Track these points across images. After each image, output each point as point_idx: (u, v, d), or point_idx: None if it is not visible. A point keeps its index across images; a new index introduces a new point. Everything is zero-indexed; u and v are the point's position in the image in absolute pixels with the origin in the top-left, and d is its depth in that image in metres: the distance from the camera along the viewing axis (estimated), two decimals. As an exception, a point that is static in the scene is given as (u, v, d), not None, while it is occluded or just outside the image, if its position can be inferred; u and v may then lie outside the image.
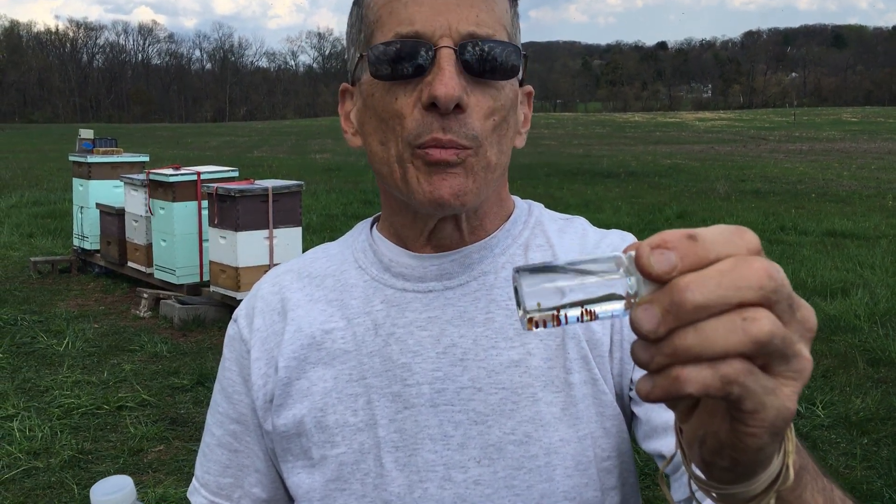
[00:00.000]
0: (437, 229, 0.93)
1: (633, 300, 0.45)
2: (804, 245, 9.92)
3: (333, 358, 0.93)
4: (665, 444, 0.85)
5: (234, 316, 1.03)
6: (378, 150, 0.89)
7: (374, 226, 1.02)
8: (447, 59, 0.83)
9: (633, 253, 0.45)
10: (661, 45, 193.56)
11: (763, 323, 0.43)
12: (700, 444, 0.50)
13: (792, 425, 0.52)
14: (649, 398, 0.46)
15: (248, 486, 1.00)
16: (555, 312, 0.46)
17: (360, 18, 0.91)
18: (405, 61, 0.84)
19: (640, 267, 0.45)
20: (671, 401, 0.48)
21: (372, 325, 0.93)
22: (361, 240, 1.01)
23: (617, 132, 43.85)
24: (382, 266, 0.96)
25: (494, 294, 0.93)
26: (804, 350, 0.46)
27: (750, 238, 0.46)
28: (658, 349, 0.44)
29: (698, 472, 0.52)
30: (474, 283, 0.93)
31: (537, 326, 0.46)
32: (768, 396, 0.45)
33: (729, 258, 0.44)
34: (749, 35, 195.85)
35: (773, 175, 19.14)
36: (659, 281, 0.44)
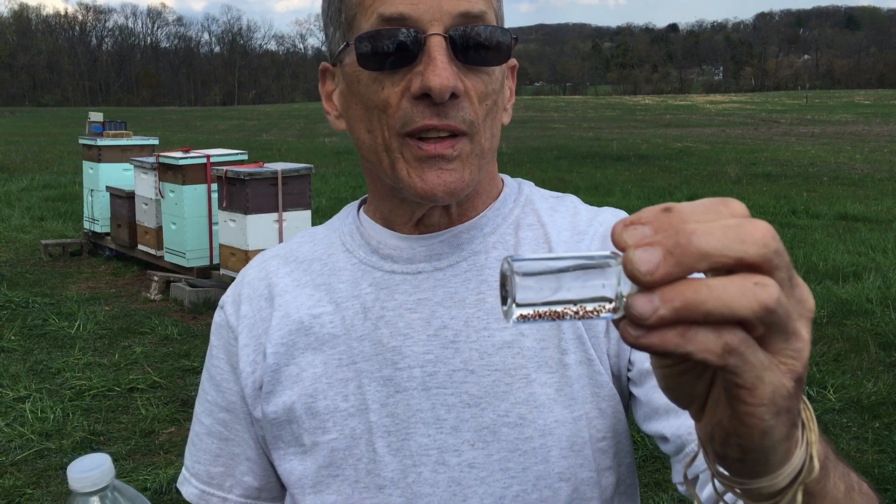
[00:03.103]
0: (427, 215, 0.91)
1: (621, 300, 0.44)
2: (816, 229, 9.86)
3: (322, 343, 0.92)
4: (667, 425, 0.83)
5: (220, 302, 1.01)
6: (365, 138, 0.87)
7: (361, 208, 1.00)
8: (438, 47, 0.80)
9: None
10: (673, 27, 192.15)
11: (772, 290, 0.42)
12: (710, 439, 0.49)
13: (813, 414, 0.51)
14: (639, 343, 0.43)
15: (240, 475, 0.98)
16: (544, 308, 0.44)
17: None
18: (393, 51, 0.81)
19: (615, 244, 0.44)
20: (661, 356, 0.46)
21: (361, 308, 0.91)
22: (348, 223, 0.99)
23: (627, 115, 43.63)
24: (370, 248, 0.94)
25: (485, 274, 0.91)
26: (803, 330, 0.45)
27: (736, 206, 0.44)
28: (664, 301, 0.42)
29: (721, 469, 0.51)
30: (464, 263, 0.91)
31: (525, 321, 0.44)
32: (766, 371, 0.43)
33: (732, 218, 0.43)
34: (761, 17, 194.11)
35: (785, 158, 19.02)
36: None
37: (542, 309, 0.44)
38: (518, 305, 0.44)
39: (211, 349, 1.01)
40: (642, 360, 0.87)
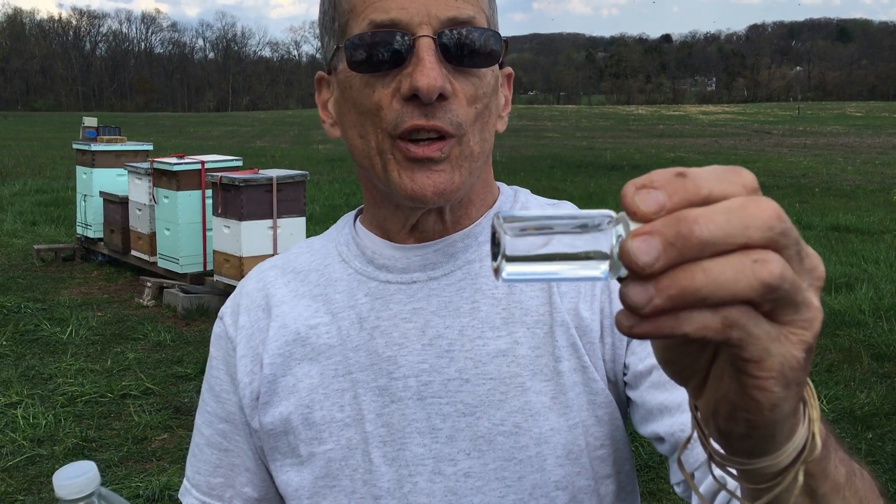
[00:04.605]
0: (421, 221, 0.91)
1: (617, 263, 0.42)
2: (808, 239, 9.83)
3: (319, 353, 0.92)
4: (661, 425, 0.83)
5: (220, 314, 1.02)
6: (358, 143, 0.87)
7: (358, 218, 1.00)
8: (426, 48, 0.81)
9: (623, 213, 0.42)
10: (666, 38, 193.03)
11: (773, 266, 0.40)
12: (714, 414, 0.47)
13: (815, 391, 0.49)
14: (633, 332, 0.41)
15: (240, 486, 0.98)
16: (535, 265, 0.42)
17: (333, 6, 0.88)
18: (382, 53, 0.82)
19: (625, 207, 0.41)
20: (660, 339, 0.44)
21: (356, 318, 0.91)
22: (345, 233, 0.99)
23: (620, 125, 43.80)
24: (366, 259, 0.94)
25: (479, 283, 0.91)
26: (813, 299, 0.43)
27: (746, 176, 0.43)
28: (659, 290, 0.40)
29: (718, 448, 0.49)
30: (459, 272, 0.91)
31: (514, 279, 0.42)
32: (773, 343, 0.42)
33: (736, 197, 0.41)
34: (754, 28, 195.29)
35: (777, 169, 19.11)
36: (645, 221, 0.41)
37: (532, 266, 0.42)
38: (508, 260, 0.42)
39: (211, 360, 1.01)
40: (636, 363, 0.87)
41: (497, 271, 0.43)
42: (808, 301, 0.43)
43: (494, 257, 0.43)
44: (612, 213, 0.43)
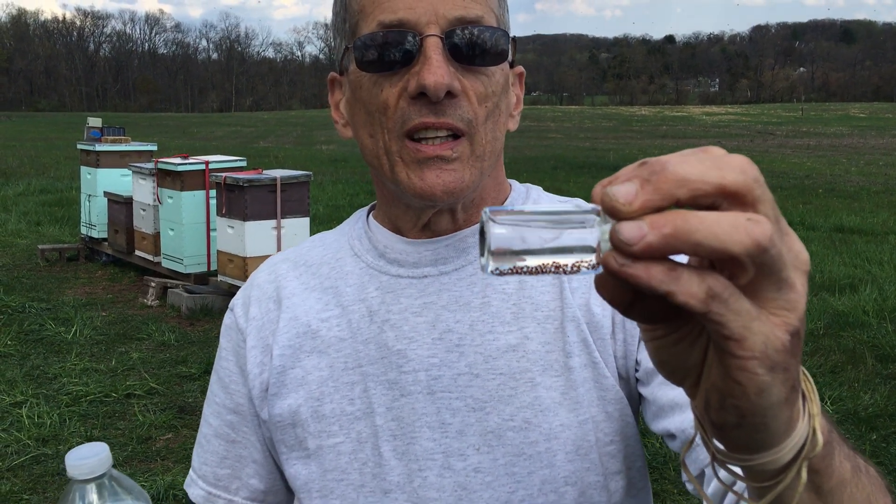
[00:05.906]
0: (433, 221, 0.92)
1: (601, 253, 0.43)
2: (812, 241, 9.88)
3: (328, 346, 0.92)
4: (672, 421, 0.84)
5: (230, 305, 1.03)
6: (368, 143, 0.88)
7: (371, 214, 1.01)
8: (434, 47, 0.81)
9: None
10: (669, 39, 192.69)
11: (766, 227, 0.40)
12: (706, 407, 0.47)
13: (814, 386, 0.49)
14: (622, 271, 0.41)
15: (246, 478, 0.99)
16: (522, 259, 0.43)
17: (344, 7, 0.90)
18: (391, 52, 0.83)
19: (595, 202, 0.43)
20: (642, 300, 0.44)
21: (367, 312, 0.92)
22: (358, 227, 1.00)
23: (623, 126, 43.76)
24: (377, 253, 0.95)
25: (490, 278, 0.91)
26: (797, 281, 0.43)
27: (716, 152, 0.43)
28: (653, 227, 0.40)
29: (719, 445, 0.49)
30: (469, 267, 0.92)
31: (501, 273, 0.43)
32: (754, 321, 0.42)
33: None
34: (757, 29, 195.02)
35: (781, 170, 19.07)
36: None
37: (519, 260, 0.43)
38: (494, 255, 0.43)
39: (220, 351, 1.02)
40: (647, 359, 0.87)
41: (484, 266, 0.43)
42: (791, 280, 0.43)
43: (483, 252, 0.44)
44: (599, 208, 0.43)
